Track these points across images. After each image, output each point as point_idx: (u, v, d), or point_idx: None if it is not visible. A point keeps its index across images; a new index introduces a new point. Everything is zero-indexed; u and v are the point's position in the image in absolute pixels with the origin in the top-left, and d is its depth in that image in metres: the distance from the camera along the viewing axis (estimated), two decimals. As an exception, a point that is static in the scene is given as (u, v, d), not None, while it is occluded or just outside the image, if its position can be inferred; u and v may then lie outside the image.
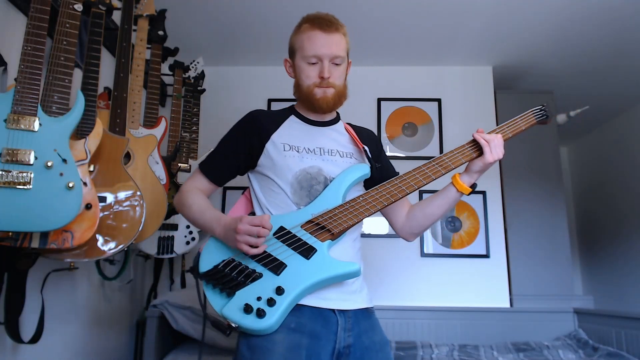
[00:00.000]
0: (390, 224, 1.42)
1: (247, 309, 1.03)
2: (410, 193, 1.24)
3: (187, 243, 2.53)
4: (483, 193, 3.15)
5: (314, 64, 1.28)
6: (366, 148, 1.35)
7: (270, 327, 1.04)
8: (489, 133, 1.27)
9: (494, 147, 1.23)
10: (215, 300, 1.08)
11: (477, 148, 1.26)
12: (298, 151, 1.26)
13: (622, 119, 4.17)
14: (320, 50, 1.27)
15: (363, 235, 3.05)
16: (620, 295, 4.06)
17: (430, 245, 3.09)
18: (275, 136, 1.29)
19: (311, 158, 1.26)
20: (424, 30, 2.89)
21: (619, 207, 4.13)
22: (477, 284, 3.01)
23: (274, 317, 1.03)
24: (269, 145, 1.28)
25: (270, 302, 1.04)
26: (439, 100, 3.30)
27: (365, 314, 1.24)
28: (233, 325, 1.04)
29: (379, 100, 3.31)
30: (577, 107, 3.57)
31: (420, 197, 3.03)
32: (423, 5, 2.63)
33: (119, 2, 1.94)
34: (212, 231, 1.20)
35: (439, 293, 3.00)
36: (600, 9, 2.61)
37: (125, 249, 1.79)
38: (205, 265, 1.15)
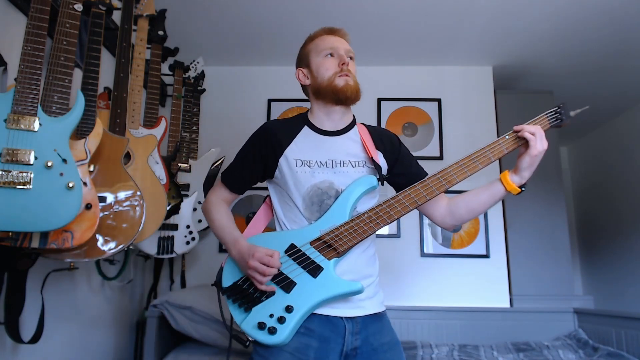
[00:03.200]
0: (428, 217, 1.40)
1: (261, 325, 1.16)
2: (414, 208, 1.23)
3: (187, 243, 2.53)
4: (483, 193, 3.14)
5: (330, 55, 1.33)
6: (379, 155, 1.35)
7: (281, 343, 1.15)
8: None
9: (540, 138, 1.18)
10: (236, 314, 1.22)
11: (519, 140, 1.21)
12: (310, 166, 1.29)
13: (622, 119, 4.17)
14: (335, 44, 1.35)
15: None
16: (620, 295, 4.06)
17: (430, 245, 3.09)
18: (288, 151, 1.31)
19: (322, 172, 1.28)
20: (424, 30, 2.89)
21: (619, 207, 4.13)
22: (477, 284, 3.01)
23: (284, 334, 1.14)
24: (282, 161, 1.31)
25: (281, 320, 1.15)
26: (439, 100, 3.30)
27: (375, 318, 1.27)
28: (250, 338, 1.18)
29: (379, 100, 3.31)
30: (577, 107, 3.56)
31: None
32: (423, 5, 2.63)
33: (119, 2, 1.94)
34: (229, 250, 1.29)
35: (439, 293, 3.00)
36: (601, 9, 2.61)
37: (125, 249, 1.79)
38: (226, 281, 1.27)
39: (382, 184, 1.33)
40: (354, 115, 1.42)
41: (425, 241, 3.10)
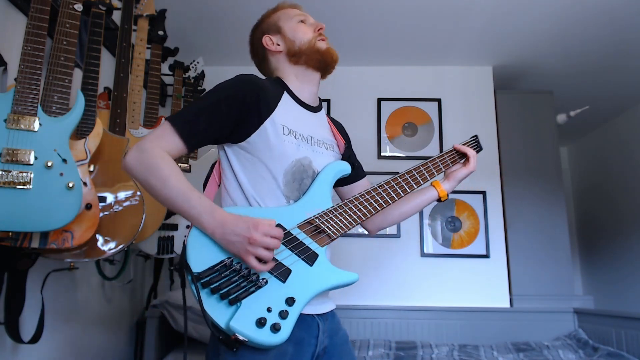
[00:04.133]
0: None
1: (261, 322, 0.92)
2: (401, 197, 1.22)
3: (187, 243, 2.53)
4: (483, 193, 3.15)
5: (302, 22, 1.26)
6: (345, 144, 1.30)
7: (282, 341, 0.95)
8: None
9: (474, 158, 1.31)
10: (218, 309, 0.93)
11: (456, 158, 1.34)
12: (295, 137, 1.13)
13: (622, 119, 4.17)
14: (304, 14, 1.28)
15: (363, 235, 3.08)
16: (620, 295, 4.06)
17: (430, 245, 3.09)
18: (275, 114, 1.12)
19: (305, 148, 1.15)
20: (424, 30, 2.89)
21: (619, 207, 4.13)
22: (477, 284, 3.01)
23: (287, 330, 0.95)
24: (267, 124, 1.10)
25: (283, 314, 0.95)
26: (439, 100, 3.30)
27: (332, 313, 1.20)
28: (240, 339, 0.91)
29: (379, 100, 3.31)
30: (577, 107, 3.58)
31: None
32: (423, 5, 2.63)
33: (119, 2, 1.94)
34: (199, 222, 0.98)
35: (439, 293, 3.00)
36: (601, 10, 2.61)
37: (125, 249, 1.79)
38: (196, 265, 0.95)
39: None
40: (320, 99, 1.33)
41: (425, 241, 3.10)
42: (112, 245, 1.66)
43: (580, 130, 4.60)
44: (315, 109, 1.26)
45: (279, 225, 1.03)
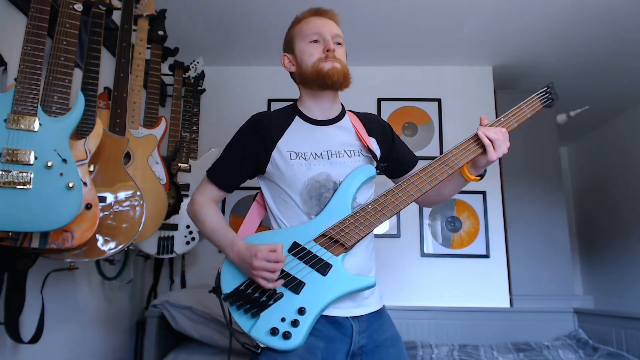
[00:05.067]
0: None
1: (274, 331, 1.09)
2: (419, 197, 1.20)
3: (187, 243, 2.53)
4: (483, 193, 3.15)
5: (316, 41, 1.25)
6: (372, 142, 1.32)
7: (296, 347, 1.09)
8: (492, 125, 1.20)
9: (498, 146, 1.17)
10: (242, 321, 1.14)
11: (481, 144, 1.19)
12: (305, 158, 1.22)
13: (622, 119, 4.17)
14: (321, 29, 1.26)
15: (363, 235, 3.08)
16: (620, 295, 4.06)
17: (430, 245, 3.09)
18: (281, 143, 1.24)
19: (319, 164, 1.23)
20: (424, 30, 2.89)
21: (619, 207, 4.13)
22: (477, 284, 3.01)
23: (299, 337, 1.09)
24: (275, 154, 1.24)
25: (295, 323, 1.09)
26: (439, 100, 3.30)
27: (377, 315, 1.26)
28: (261, 345, 1.10)
29: (379, 100, 3.31)
30: (577, 107, 3.57)
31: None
32: (423, 5, 2.63)
33: (119, 2, 1.94)
34: (225, 254, 1.21)
35: (439, 293, 3.00)
36: (600, 10, 2.61)
37: (125, 249, 1.79)
38: (226, 287, 1.18)
39: (381, 173, 1.30)
40: (342, 105, 1.37)
41: (425, 241, 3.10)
42: (112, 245, 1.66)
43: (580, 130, 4.60)
44: (332, 121, 1.30)
45: (294, 244, 1.18)
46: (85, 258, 1.62)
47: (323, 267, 1.14)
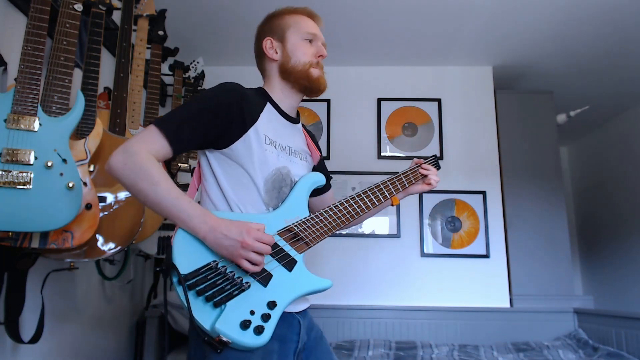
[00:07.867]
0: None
1: (245, 324, 0.96)
2: (378, 207, 1.30)
3: (187, 243, 2.53)
4: (483, 193, 3.15)
5: (310, 41, 1.24)
6: (320, 156, 1.36)
7: (264, 343, 0.98)
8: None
9: (436, 177, 1.38)
10: (201, 310, 0.96)
11: (419, 177, 1.38)
12: (275, 147, 1.17)
13: (622, 119, 4.17)
14: (316, 31, 1.26)
15: (363, 235, 3.08)
16: (620, 295, 4.06)
17: (430, 245, 3.09)
18: (259, 123, 1.15)
19: (283, 157, 1.19)
20: (424, 30, 2.89)
21: (619, 207, 4.13)
22: (477, 284, 3.01)
23: (269, 332, 0.99)
24: (251, 132, 1.12)
25: (265, 318, 0.99)
26: (439, 100, 3.30)
27: (306, 311, 1.22)
28: (224, 340, 0.94)
29: (379, 100, 3.31)
30: (577, 107, 3.58)
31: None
32: (423, 5, 2.63)
33: (119, 2, 1.94)
34: (191, 226, 1.00)
35: (439, 293, 3.00)
36: (600, 9, 2.61)
37: (125, 249, 1.79)
38: (182, 266, 0.97)
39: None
40: (298, 111, 1.35)
41: (425, 241, 3.10)
42: (112, 245, 1.66)
43: (580, 130, 4.60)
44: (294, 121, 1.29)
45: None
46: (85, 258, 1.62)
47: (289, 263, 1.08)
